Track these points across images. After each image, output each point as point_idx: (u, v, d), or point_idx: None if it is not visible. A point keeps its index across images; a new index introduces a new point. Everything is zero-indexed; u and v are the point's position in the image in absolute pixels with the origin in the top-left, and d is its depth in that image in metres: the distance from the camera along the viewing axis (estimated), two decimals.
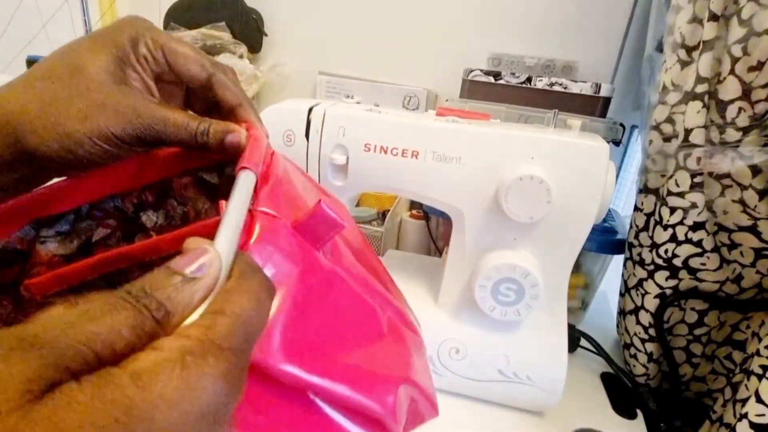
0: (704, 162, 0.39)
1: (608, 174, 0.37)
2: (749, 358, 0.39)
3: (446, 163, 0.40)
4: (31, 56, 0.78)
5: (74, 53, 0.24)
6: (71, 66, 0.23)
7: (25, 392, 0.10)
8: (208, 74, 0.27)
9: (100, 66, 0.24)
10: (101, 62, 0.24)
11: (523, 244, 0.40)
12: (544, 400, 0.42)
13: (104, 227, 0.29)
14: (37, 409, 0.10)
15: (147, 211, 0.29)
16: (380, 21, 0.84)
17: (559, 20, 0.73)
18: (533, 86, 0.64)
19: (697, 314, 0.44)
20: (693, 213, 0.41)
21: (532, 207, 0.37)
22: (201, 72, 0.26)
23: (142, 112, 0.24)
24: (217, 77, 0.27)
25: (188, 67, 0.26)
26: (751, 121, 0.36)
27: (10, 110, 0.22)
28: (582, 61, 0.70)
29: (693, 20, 0.41)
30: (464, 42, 0.79)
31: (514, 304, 0.40)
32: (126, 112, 0.23)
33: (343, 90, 0.87)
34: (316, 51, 0.89)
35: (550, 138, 0.38)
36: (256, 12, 0.89)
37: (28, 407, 0.10)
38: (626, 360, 0.52)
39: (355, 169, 0.42)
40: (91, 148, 0.23)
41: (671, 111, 0.43)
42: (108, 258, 0.23)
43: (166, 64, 0.26)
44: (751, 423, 0.34)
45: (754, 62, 0.35)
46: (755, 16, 0.34)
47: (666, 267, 0.44)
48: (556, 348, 0.42)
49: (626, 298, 0.50)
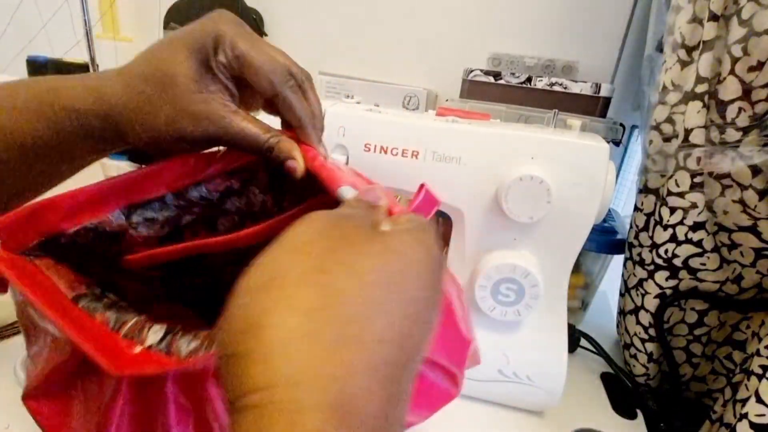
0: (704, 162, 0.39)
1: (608, 174, 0.37)
2: (749, 358, 0.39)
3: (446, 163, 0.40)
4: (31, 56, 0.78)
5: (166, 60, 0.27)
6: (164, 73, 0.26)
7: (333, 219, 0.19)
8: (274, 93, 0.28)
9: (186, 74, 0.26)
10: (187, 70, 0.26)
11: (523, 244, 0.40)
12: (544, 400, 0.42)
13: (190, 214, 0.33)
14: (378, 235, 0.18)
15: (231, 197, 0.33)
16: (380, 21, 0.84)
17: (559, 20, 0.73)
18: (533, 86, 0.64)
19: (697, 314, 0.44)
20: (693, 213, 0.41)
21: (532, 207, 0.37)
22: (268, 89, 0.28)
23: (218, 121, 0.27)
24: (282, 97, 0.28)
25: (258, 80, 0.28)
26: (751, 121, 0.36)
27: (114, 104, 0.26)
28: (582, 61, 0.70)
29: (693, 20, 0.41)
30: (464, 42, 0.79)
31: (514, 304, 0.40)
32: (204, 120, 0.27)
33: (343, 90, 0.87)
34: (316, 51, 0.89)
35: (550, 138, 0.38)
36: (256, 12, 0.89)
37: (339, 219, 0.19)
38: (626, 360, 0.52)
39: (355, 169, 0.42)
40: (172, 145, 0.28)
41: (671, 111, 0.43)
42: (193, 247, 0.29)
43: (241, 74, 0.28)
44: (751, 423, 0.34)
45: (754, 62, 0.35)
46: (755, 16, 0.34)
47: (666, 267, 0.44)
48: (556, 348, 0.42)
49: (626, 298, 0.50)
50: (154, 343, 0.23)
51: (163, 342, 0.23)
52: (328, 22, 0.87)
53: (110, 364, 0.21)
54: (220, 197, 0.32)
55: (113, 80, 0.27)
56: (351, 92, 0.85)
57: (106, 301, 0.27)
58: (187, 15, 0.87)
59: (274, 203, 0.34)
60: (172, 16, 0.88)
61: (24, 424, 0.36)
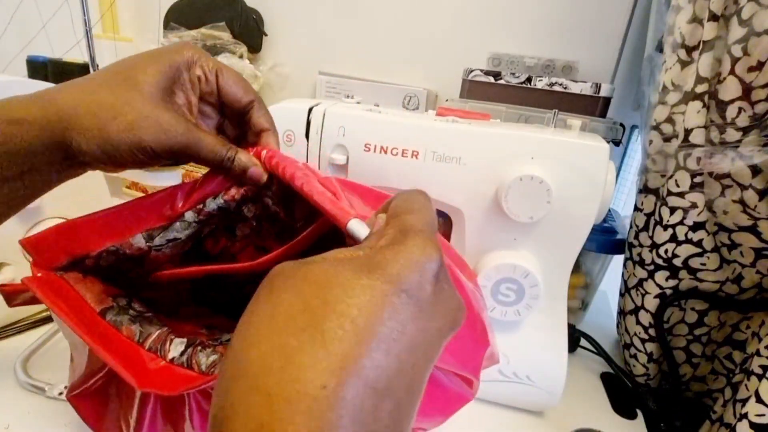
0: (704, 162, 0.39)
1: (608, 174, 0.37)
2: (749, 358, 0.39)
3: (446, 163, 0.40)
4: (31, 56, 0.78)
5: (133, 67, 0.27)
6: (127, 78, 0.26)
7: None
8: (249, 99, 0.31)
9: (152, 83, 0.26)
10: (154, 78, 0.26)
11: (523, 244, 0.40)
12: (544, 400, 0.42)
13: (209, 226, 0.34)
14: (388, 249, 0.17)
15: (248, 204, 0.33)
16: (380, 21, 0.84)
17: (559, 20, 0.73)
18: (533, 86, 0.64)
19: (697, 314, 0.44)
20: (693, 213, 0.41)
21: (532, 207, 0.37)
22: (245, 96, 0.31)
23: (180, 132, 0.27)
24: (256, 102, 0.31)
25: (235, 90, 0.30)
26: (751, 121, 0.36)
27: (63, 107, 0.25)
28: (582, 61, 0.70)
29: (693, 20, 0.41)
30: (464, 42, 0.79)
31: (514, 304, 0.40)
32: (165, 129, 0.26)
33: (343, 90, 0.87)
34: (316, 51, 0.89)
35: (550, 138, 0.38)
36: (256, 12, 0.89)
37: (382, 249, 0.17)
38: (626, 360, 0.52)
39: (355, 169, 0.42)
40: (127, 155, 0.26)
41: (671, 111, 0.43)
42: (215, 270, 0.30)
43: (216, 86, 0.30)
44: (751, 423, 0.34)
45: (754, 62, 0.35)
46: (755, 16, 0.34)
47: (666, 267, 0.44)
48: (556, 348, 0.42)
49: (626, 298, 0.50)
50: (176, 356, 0.25)
51: (184, 355, 0.25)
52: (328, 22, 0.87)
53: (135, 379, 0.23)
54: (237, 205, 0.33)
55: (67, 89, 0.26)
56: (351, 92, 0.85)
57: (132, 312, 0.28)
58: (187, 15, 0.87)
59: (285, 213, 0.35)
60: (172, 16, 0.88)
61: (24, 424, 0.36)
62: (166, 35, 0.86)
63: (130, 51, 0.30)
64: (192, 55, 0.28)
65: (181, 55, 0.28)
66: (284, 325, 0.14)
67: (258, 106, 0.31)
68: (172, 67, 0.27)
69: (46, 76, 0.75)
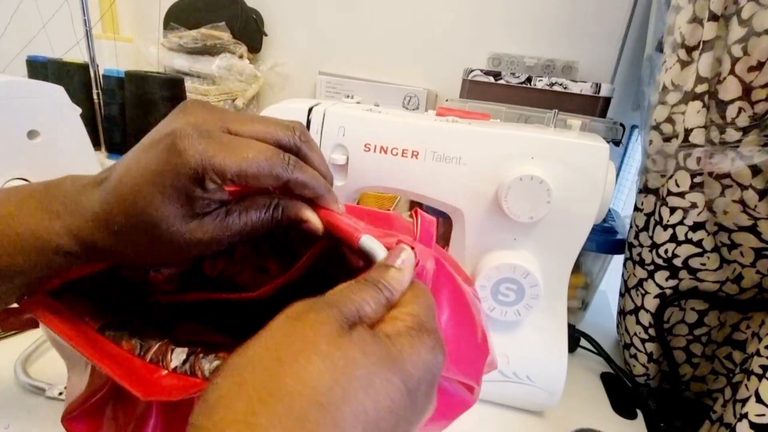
0: (704, 162, 0.39)
1: (608, 174, 0.37)
2: (749, 358, 0.39)
3: (446, 163, 0.40)
4: (31, 56, 0.78)
5: (145, 209, 0.22)
6: (146, 222, 0.23)
7: (341, 326, 0.17)
8: (285, 180, 0.24)
9: (167, 219, 0.23)
10: (168, 214, 0.23)
11: (523, 244, 0.40)
12: (544, 400, 0.42)
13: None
14: (352, 335, 0.17)
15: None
16: (380, 21, 0.84)
17: (559, 20, 0.73)
18: (533, 86, 0.64)
19: (697, 314, 0.44)
20: (693, 213, 0.41)
21: (532, 207, 0.37)
22: (277, 181, 0.24)
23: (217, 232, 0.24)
24: (294, 180, 0.24)
25: (260, 182, 0.24)
26: (751, 121, 0.36)
27: (96, 248, 0.24)
28: (582, 61, 0.70)
29: (693, 20, 0.41)
30: (464, 42, 0.79)
31: (514, 304, 0.40)
32: (202, 240, 0.24)
33: (343, 90, 0.87)
34: (316, 51, 0.90)
35: (550, 138, 0.38)
36: (256, 12, 0.89)
37: (347, 334, 0.17)
38: (626, 360, 0.52)
39: (355, 169, 0.42)
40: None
41: (671, 111, 0.43)
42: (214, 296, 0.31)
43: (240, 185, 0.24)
44: (751, 423, 0.34)
45: (754, 62, 0.35)
46: (755, 16, 0.34)
47: (666, 267, 0.44)
48: (556, 348, 0.42)
49: (626, 298, 0.50)
50: (179, 365, 0.25)
51: (186, 363, 0.25)
52: (328, 22, 0.87)
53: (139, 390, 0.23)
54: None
55: (90, 226, 0.23)
56: (351, 92, 0.85)
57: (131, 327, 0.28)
58: (187, 15, 0.87)
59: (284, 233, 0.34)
60: (172, 16, 0.88)
61: (24, 424, 0.36)
62: (166, 35, 0.86)
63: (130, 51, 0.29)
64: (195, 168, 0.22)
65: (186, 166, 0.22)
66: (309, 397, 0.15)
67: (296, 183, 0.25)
68: (181, 190, 0.22)
69: (46, 76, 0.75)
